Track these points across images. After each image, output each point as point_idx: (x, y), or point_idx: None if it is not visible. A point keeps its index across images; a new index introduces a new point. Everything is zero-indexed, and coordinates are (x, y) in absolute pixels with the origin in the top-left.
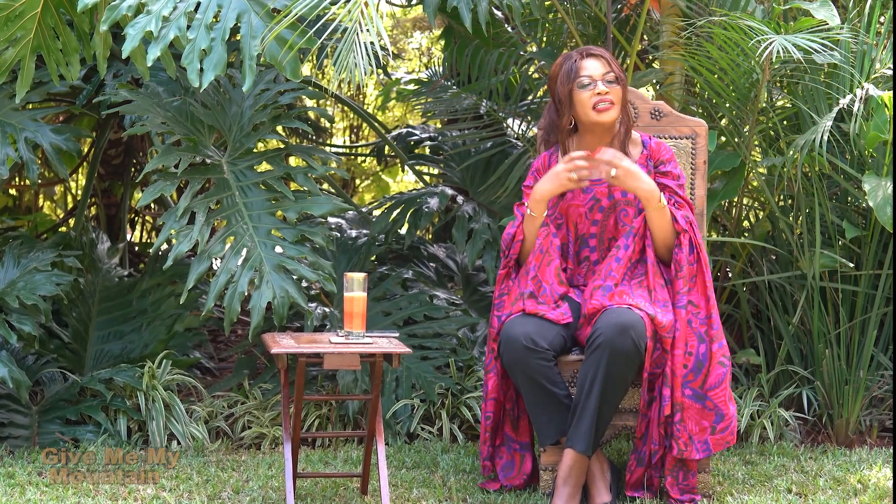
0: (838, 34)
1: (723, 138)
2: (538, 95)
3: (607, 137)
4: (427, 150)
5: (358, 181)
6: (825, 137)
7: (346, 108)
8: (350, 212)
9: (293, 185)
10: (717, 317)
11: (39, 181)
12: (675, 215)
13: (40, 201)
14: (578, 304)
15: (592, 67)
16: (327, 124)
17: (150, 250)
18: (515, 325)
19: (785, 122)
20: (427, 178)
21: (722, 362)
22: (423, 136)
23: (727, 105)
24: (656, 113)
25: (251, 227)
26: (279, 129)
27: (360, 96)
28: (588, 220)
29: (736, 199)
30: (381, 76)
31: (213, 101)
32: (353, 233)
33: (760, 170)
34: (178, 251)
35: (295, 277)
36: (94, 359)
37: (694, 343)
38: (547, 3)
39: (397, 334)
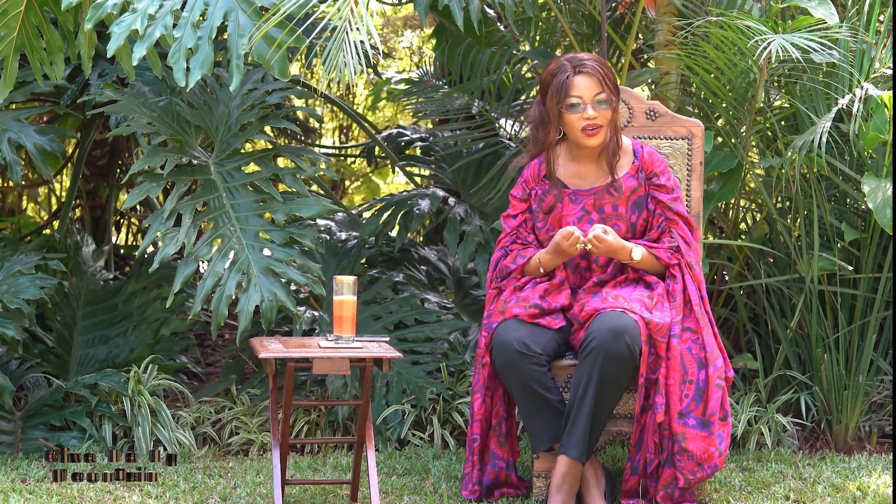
0: (837, 33)
1: (719, 139)
2: (531, 95)
3: (595, 152)
4: (418, 151)
5: (347, 182)
6: (824, 138)
7: (335, 108)
8: (339, 214)
9: (281, 187)
10: (710, 339)
11: (23, 182)
12: (658, 254)
13: (24, 203)
14: (571, 307)
15: (583, 87)
16: (316, 125)
17: (136, 253)
18: (508, 330)
19: (783, 123)
20: (418, 179)
21: (719, 385)
22: (414, 136)
23: (724, 105)
24: (652, 113)
25: (238, 229)
26: (267, 129)
27: (350, 96)
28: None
29: (733, 201)
30: (372, 75)
31: (200, 100)
32: (343, 235)
33: (758, 171)
34: (164, 254)
35: (283, 280)
36: (78, 363)
37: (694, 370)
38: (540, 1)
39: (388, 338)
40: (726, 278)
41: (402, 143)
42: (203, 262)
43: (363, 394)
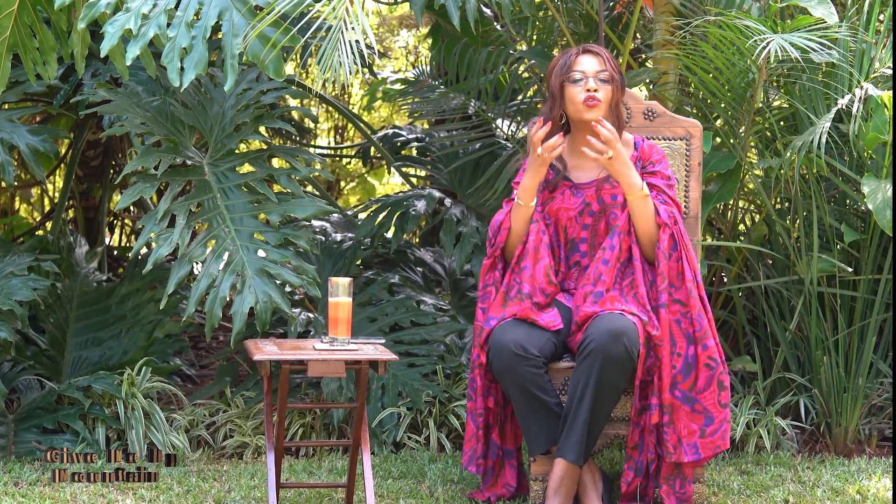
0: (836, 32)
1: (718, 139)
2: (528, 95)
3: (598, 138)
4: (414, 152)
5: (343, 183)
6: (823, 139)
7: (330, 108)
8: (335, 215)
9: (276, 188)
10: (701, 318)
11: (16, 183)
12: (658, 208)
13: (16, 204)
14: (569, 309)
15: (587, 64)
16: (311, 125)
17: (130, 254)
18: (505, 331)
19: (782, 123)
20: (414, 180)
21: (709, 365)
22: (410, 137)
23: (722, 105)
24: (649, 113)
25: (233, 230)
26: (262, 129)
27: (345, 96)
28: (578, 225)
29: (731, 202)
30: (367, 75)
31: (194, 100)
32: (338, 236)
33: (757, 172)
34: (158, 255)
35: (278, 282)
36: (71, 366)
37: (682, 344)
38: (537, 0)
39: (383, 341)
40: (725, 280)
41: (398, 144)
42: (197, 263)
43: (358, 396)
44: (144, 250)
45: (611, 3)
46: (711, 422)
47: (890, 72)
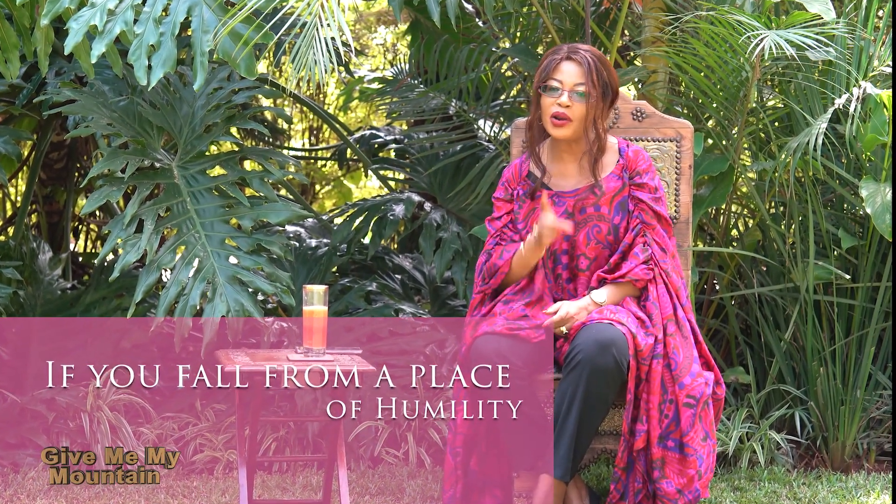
0: (834, 29)
1: (710, 141)
2: (511, 95)
3: (577, 149)
4: (392, 154)
5: (318, 187)
6: (819, 140)
7: (305, 108)
8: (310, 219)
9: (248, 191)
10: (676, 355)
11: None
12: (635, 276)
13: None
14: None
15: (568, 73)
16: (285, 125)
17: (95, 261)
18: (488, 342)
19: (776, 124)
20: (392, 183)
21: (688, 403)
22: (388, 138)
23: (714, 105)
24: (638, 114)
25: (203, 235)
26: (233, 130)
27: (321, 96)
28: (559, 236)
29: (724, 207)
30: (343, 74)
31: (163, 100)
32: (313, 242)
33: (750, 175)
34: (125, 262)
35: (250, 290)
36: (35, 377)
37: (673, 389)
38: None
39: (360, 351)
40: (717, 287)
41: (376, 146)
42: (166, 270)
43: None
44: (111, 257)
45: None
46: (703, 460)
47: (889, 70)
